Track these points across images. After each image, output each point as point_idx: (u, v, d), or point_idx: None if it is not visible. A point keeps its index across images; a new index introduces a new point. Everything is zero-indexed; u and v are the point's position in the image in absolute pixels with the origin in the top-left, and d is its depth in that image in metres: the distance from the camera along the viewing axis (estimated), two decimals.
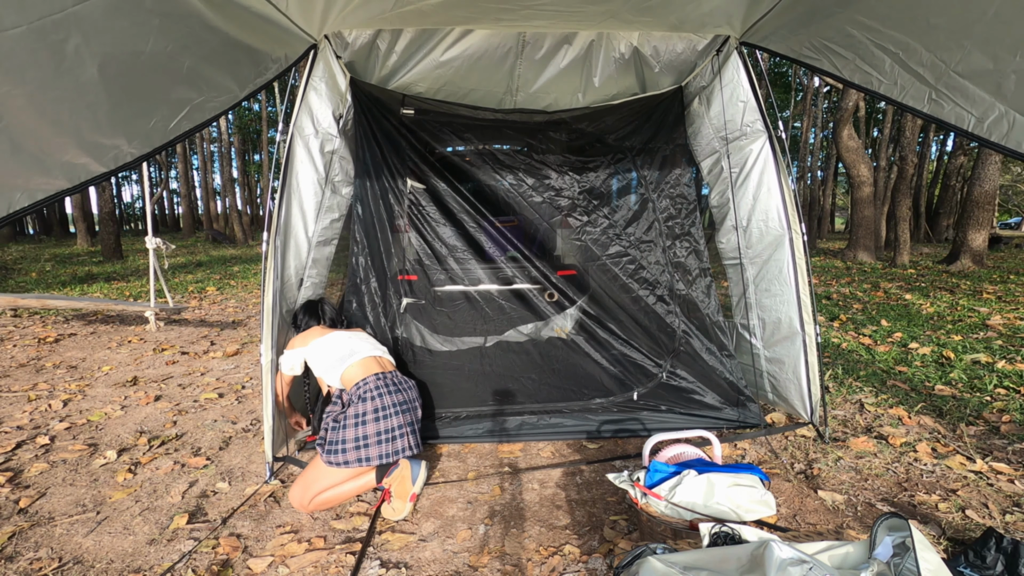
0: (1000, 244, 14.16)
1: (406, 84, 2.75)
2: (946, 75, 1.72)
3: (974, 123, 1.71)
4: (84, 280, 9.16)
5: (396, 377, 2.19)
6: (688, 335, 2.83)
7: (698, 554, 1.39)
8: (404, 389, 2.17)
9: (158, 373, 3.80)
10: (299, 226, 2.45)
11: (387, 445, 2.04)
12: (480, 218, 2.84)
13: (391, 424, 2.06)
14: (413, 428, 2.15)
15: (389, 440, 2.05)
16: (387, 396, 2.08)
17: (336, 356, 2.18)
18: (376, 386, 2.08)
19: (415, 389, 2.26)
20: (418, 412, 2.22)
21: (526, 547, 1.79)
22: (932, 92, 1.80)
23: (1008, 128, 1.62)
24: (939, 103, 1.79)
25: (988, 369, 3.46)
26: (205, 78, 1.71)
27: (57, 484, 2.24)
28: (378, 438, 2.03)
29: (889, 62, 1.88)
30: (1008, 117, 1.61)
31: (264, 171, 23.95)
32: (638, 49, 2.61)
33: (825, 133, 20.84)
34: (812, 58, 2.16)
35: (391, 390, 2.10)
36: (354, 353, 2.18)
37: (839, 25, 1.95)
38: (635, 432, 2.63)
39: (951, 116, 1.77)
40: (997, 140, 1.65)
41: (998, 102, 1.62)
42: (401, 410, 2.10)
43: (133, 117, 1.52)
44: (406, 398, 2.15)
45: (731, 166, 2.75)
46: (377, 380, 2.10)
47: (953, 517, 1.89)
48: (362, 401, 2.05)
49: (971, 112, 1.71)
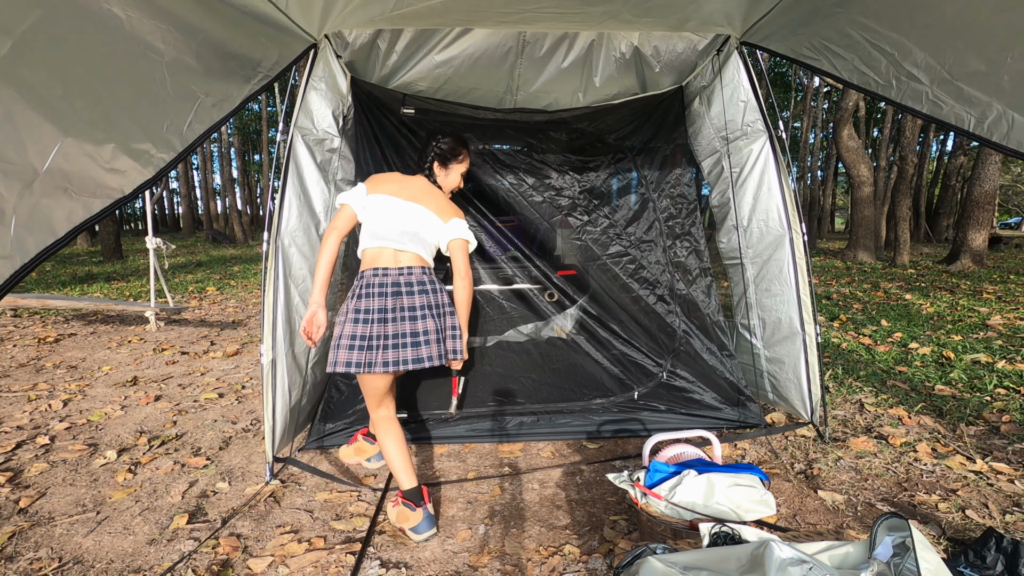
0: (1000, 244, 14.18)
1: (406, 83, 2.75)
2: (940, 76, 1.73)
3: (974, 123, 1.71)
4: (84, 280, 9.16)
5: (405, 276, 1.90)
6: (688, 335, 2.83)
7: (698, 554, 1.39)
8: (409, 293, 1.88)
9: (158, 373, 3.80)
10: (310, 226, 2.43)
11: (359, 353, 1.81)
12: (480, 217, 2.84)
13: (369, 331, 1.82)
14: (404, 342, 1.85)
15: (363, 348, 1.82)
16: (375, 298, 1.85)
17: (369, 228, 1.94)
18: (368, 283, 1.87)
19: (435, 295, 1.93)
20: (424, 324, 1.88)
21: (526, 547, 1.79)
22: (929, 92, 1.80)
23: (1008, 128, 1.62)
24: (937, 104, 1.80)
25: (988, 369, 3.45)
26: (207, 77, 1.71)
27: (57, 484, 2.23)
28: (351, 342, 1.81)
29: (885, 63, 1.88)
30: (1007, 117, 1.61)
31: (264, 171, 23.95)
32: (638, 49, 2.61)
33: (825, 133, 20.85)
34: (811, 58, 2.16)
35: (384, 292, 1.86)
36: (377, 236, 1.93)
37: (838, 25, 1.95)
38: (635, 432, 2.63)
39: (950, 116, 1.77)
40: (999, 140, 1.65)
41: (996, 102, 1.62)
42: (389, 318, 1.83)
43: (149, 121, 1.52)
44: (403, 305, 1.87)
45: (731, 166, 2.75)
46: (374, 276, 1.88)
47: (953, 517, 1.89)
48: (353, 297, 1.88)
49: (970, 112, 1.71)
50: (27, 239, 1.16)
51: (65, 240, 1.25)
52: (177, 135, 1.57)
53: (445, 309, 1.98)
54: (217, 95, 1.73)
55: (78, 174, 1.27)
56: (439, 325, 1.93)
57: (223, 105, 1.75)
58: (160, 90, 1.52)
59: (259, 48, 1.92)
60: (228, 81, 1.79)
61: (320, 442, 2.50)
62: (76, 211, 1.28)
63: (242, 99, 1.84)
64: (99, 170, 1.33)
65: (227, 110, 1.76)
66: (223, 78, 1.76)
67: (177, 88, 1.58)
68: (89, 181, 1.30)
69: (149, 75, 1.49)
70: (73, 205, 1.28)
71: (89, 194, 1.31)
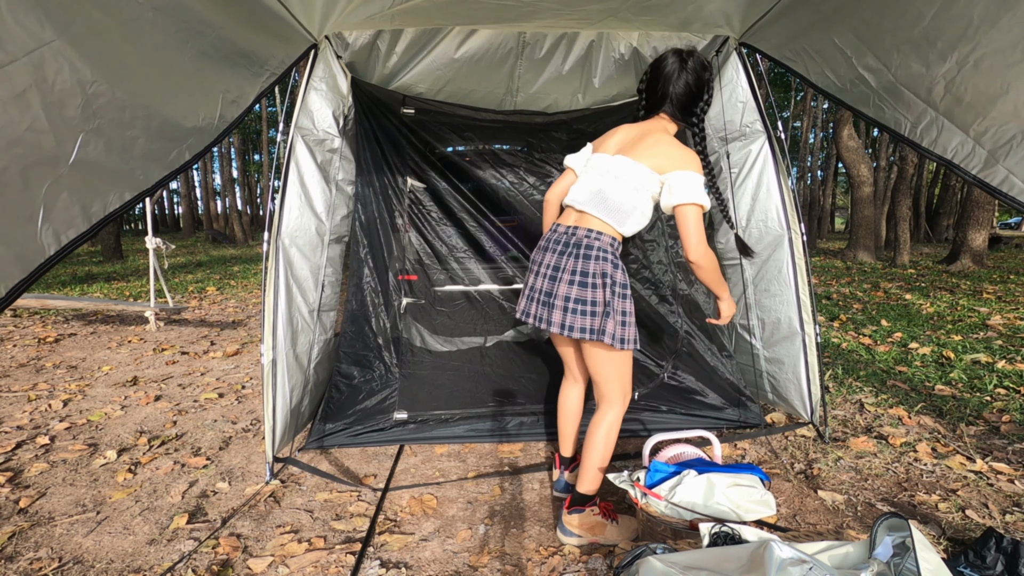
0: (1000, 244, 14.17)
1: (406, 85, 2.75)
2: (886, 79, 1.75)
3: (909, 128, 1.73)
4: (84, 280, 9.15)
5: (565, 236, 1.77)
6: (690, 336, 2.83)
7: (698, 554, 1.39)
8: (547, 249, 1.81)
9: (158, 373, 3.80)
10: (310, 226, 2.44)
11: (521, 300, 1.90)
12: (481, 217, 2.84)
13: (530, 282, 1.86)
14: (531, 295, 1.83)
15: (525, 297, 1.87)
16: (539, 251, 1.86)
17: (571, 182, 1.90)
18: (546, 238, 1.86)
19: (577, 258, 1.70)
20: (548, 285, 1.76)
21: (526, 547, 1.79)
22: (875, 96, 1.82)
23: (937, 133, 1.65)
24: (881, 107, 1.82)
25: (988, 369, 3.46)
26: (224, 73, 1.71)
27: (57, 484, 2.24)
28: (522, 292, 1.90)
29: (844, 65, 1.90)
30: (938, 123, 1.64)
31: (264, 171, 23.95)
32: (638, 50, 2.61)
33: (825, 133, 20.85)
34: (791, 60, 2.19)
35: (544, 245, 1.84)
36: (567, 194, 1.88)
37: (823, 28, 1.97)
38: (635, 432, 2.63)
39: (890, 121, 1.79)
40: (927, 146, 1.67)
41: (929, 108, 1.64)
42: (541, 273, 1.79)
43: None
44: (542, 260, 1.80)
45: (731, 166, 2.75)
46: (550, 232, 1.86)
47: (953, 517, 1.89)
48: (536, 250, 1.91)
49: (907, 117, 1.73)
50: (56, 229, 1.18)
51: (92, 231, 1.26)
52: (208, 128, 1.60)
53: (596, 280, 1.68)
54: (234, 92, 1.75)
55: (106, 165, 1.28)
56: (575, 294, 1.68)
57: (240, 102, 1.77)
58: (191, 82, 1.55)
59: (266, 45, 1.93)
60: (242, 78, 1.80)
61: (320, 442, 2.50)
62: (103, 202, 1.30)
63: (255, 96, 1.86)
64: (128, 162, 1.35)
65: (243, 106, 1.79)
66: (237, 75, 1.78)
67: (205, 82, 1.60)
68: (116, 173, 1.31)
69: (183, 67, 1.51)
70: (100, 196, 1.29)
71: (118, 185, 1.33)
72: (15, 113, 1.05)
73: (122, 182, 1.34)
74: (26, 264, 1.12)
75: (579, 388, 2.09)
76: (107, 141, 1.27)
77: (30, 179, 1.10)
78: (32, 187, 1.11)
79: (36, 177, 1.12)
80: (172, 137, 1.50)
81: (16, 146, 1.06)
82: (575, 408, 2.09)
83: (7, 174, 1.05)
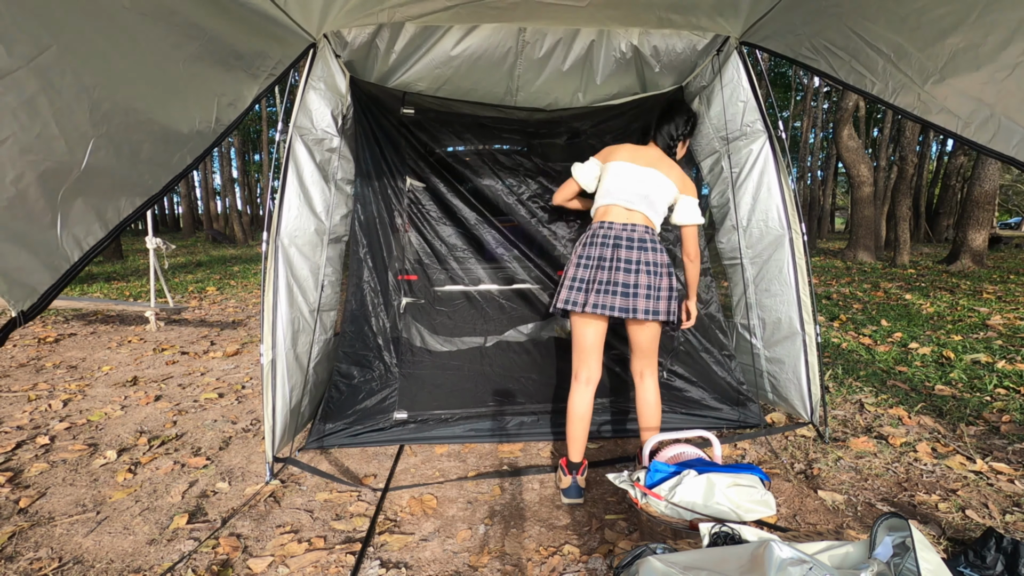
0: (1000, 244, 14.18)
1: (405, 83, 2.74)
2: (933, 77, 1.73)
3: (961, 125, 1.71)
4: (84, 280, 9.15)
5: (628, 232, 2.06)
6: (688, 335, 2.83)
7: (698, 554, 1.39)
8: (629, 247, 2.03)
9: (158, 373, 3.80)
10: (310, 225, 2.43)
11: (576, 293, 2.04)
12: (480, 217, 2.84)
13: (584, 275, 2.04)
14: (615, 290, 2.00)
15: (576, 289, 2.04)
16: (597, 247, 2.05)
17: (604, 188, 2.15)
18: (595, 234, 2.08)
19: (654, 253, 2.04)
20: (637, 278, 2.01)
21: (526, 547, 1.79)
22: (921, 93, 1.80)
23: (995, 131, 1.62)
24: (927, 105, 1.80)
25: (988, 369, 3.46)
26: (219, 77, 1.71)
27: (57, 484, 2.23)
28: (571, 283, 2.06)
29: (882, 63, 1.88)
30: (994, 120, 1.61)
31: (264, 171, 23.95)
32: (638, 48, 2.60)
33: (825, 133, 20.83)
34: (810, 58, 2.16)
35: (607, 242, 2.04)
36: (610, 194, 2.12)
37: (837, 25, 1.95)
38: (635, 432, 2.63)
39: (939, 119, 1.77)
40: (984, 143, 1.65)
41: (984, 104, 1.62)
42: (606, 266, 2.02)
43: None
44: (620, 256, 2.02)
45: (731, 166, 2.75)
46: (599, 228, 2.08)
47: (953, 517, 1.89)
48: (581, 245, 2.11)
49: (958, 115, 1.71)
50: (76, 235, 1.18)
51: (110, 237, 1.27)
52: (206, 132, 1.60)
53: (662, 269, 2.05)
54: (231, 94, 1.74)
55: (116, 170, 1.28)
56: (652, 283, 2.02)
57: (237, 104, 1.77)
58: (185, 87, 1.54)
59: (262, 48, 1.92)
60: (238, 81, 1.80)
61: (320, 442, 2.50)
62: (116, 207, 1.30)
63: (252, 98, 1.86)
64: (135, 167, 1.35)
65: (241, 109, 1.78)
66: (233, 77, 1.77)
67: (199, 86, 1.60)
68: (126, 178, 1.31)
69: (175, 73, 1.51)
70: (113, 202, 1.29)
71: (128, 191, 1.33)
72: (25, 120, 1.04)
73: (132, 187, 1.34)
74: (55, 270, 1.12)
75: (591, 390, 2.14)
76: (116, 146, 1.27)
77: (46, 186, 1.10)
78: (49, 194, 1.11)
79: (52, 184, 1.11)
80: (173, 141, 1.50)
81: (29, 153, 1.05)
82: (588, 411, 2.13)
83: (24, 181, 1.05)
